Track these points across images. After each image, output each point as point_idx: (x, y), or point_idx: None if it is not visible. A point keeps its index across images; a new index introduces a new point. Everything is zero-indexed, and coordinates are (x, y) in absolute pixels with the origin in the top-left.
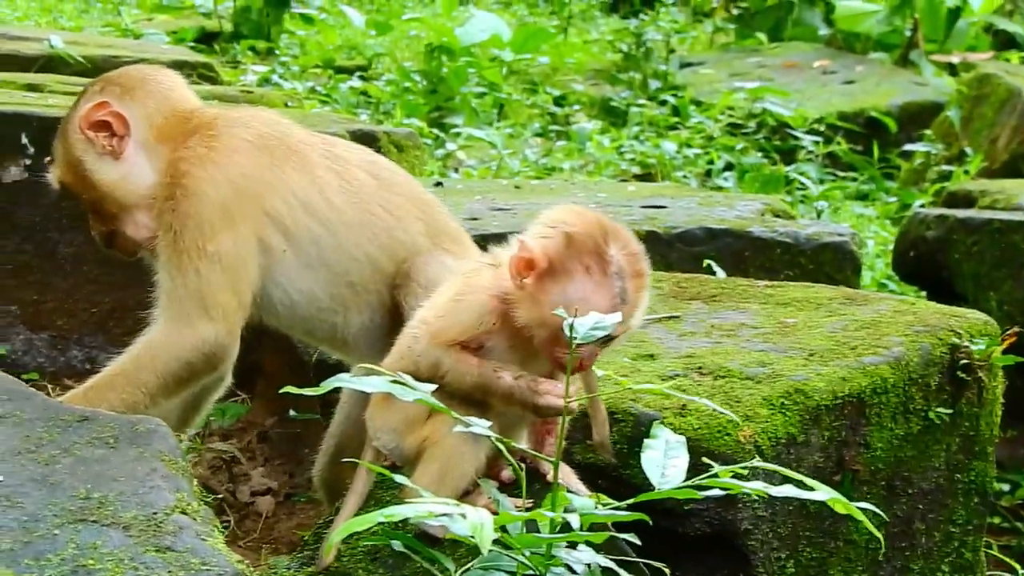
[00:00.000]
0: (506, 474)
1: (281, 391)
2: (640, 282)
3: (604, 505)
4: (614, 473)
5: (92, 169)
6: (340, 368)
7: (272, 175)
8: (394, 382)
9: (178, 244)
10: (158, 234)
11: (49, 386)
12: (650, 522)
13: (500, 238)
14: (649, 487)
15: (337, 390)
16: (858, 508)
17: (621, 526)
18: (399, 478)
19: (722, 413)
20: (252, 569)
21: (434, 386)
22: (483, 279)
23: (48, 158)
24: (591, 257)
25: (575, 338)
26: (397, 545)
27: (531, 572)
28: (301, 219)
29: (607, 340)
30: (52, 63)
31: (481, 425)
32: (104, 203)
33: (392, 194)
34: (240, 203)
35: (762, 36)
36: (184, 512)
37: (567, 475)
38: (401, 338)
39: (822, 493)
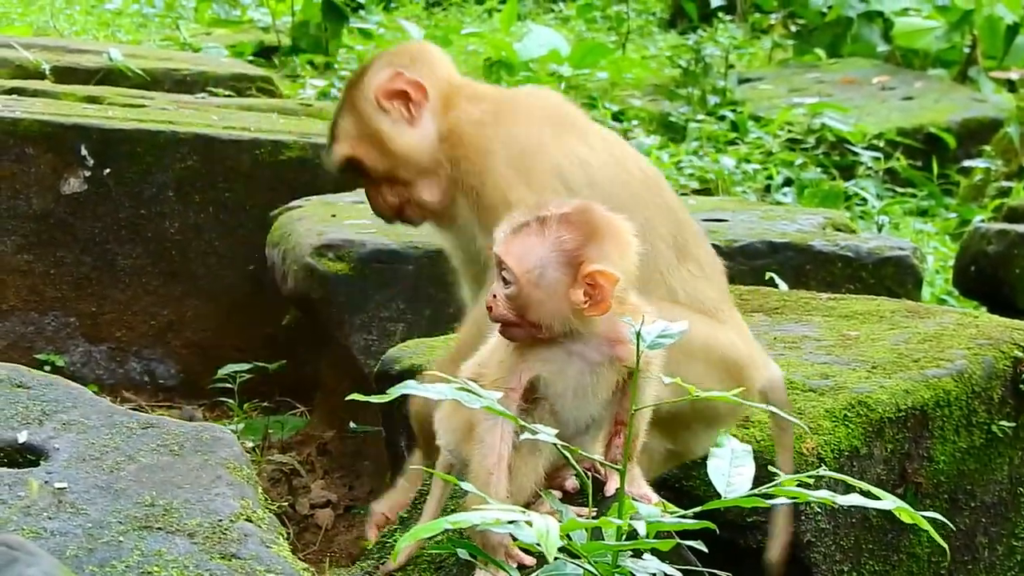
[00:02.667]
0: (571, 483)
1: (348, 398)
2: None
3: (670, 514)
4: (676, 485)
5: (390, 137)
6: (402, 379)
7: (556, 142)
8: (461, 388)
9: (482, 202)
10: (449, 199)
11: (107, 398)
12: (717, 531)
13: None
14: (711, 500)
15: (400, 399)
16: (924, 517)
17: (686, 536)
18: (467, 485)
19: (793, 421)
20: None
21: (500, 393)
22: None
23: (326, 141)
24: None
25: (643, 345)
26: (463, 554)
27: None
28: (584, 185)
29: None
30: (111, 76)
31: (548, 433)
32: (399, 171)
33: (653, 194)
34: (531, 160)
35: (820, 52)
36: (249, 519)
37: (638, 479)
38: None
39: (888, 502)
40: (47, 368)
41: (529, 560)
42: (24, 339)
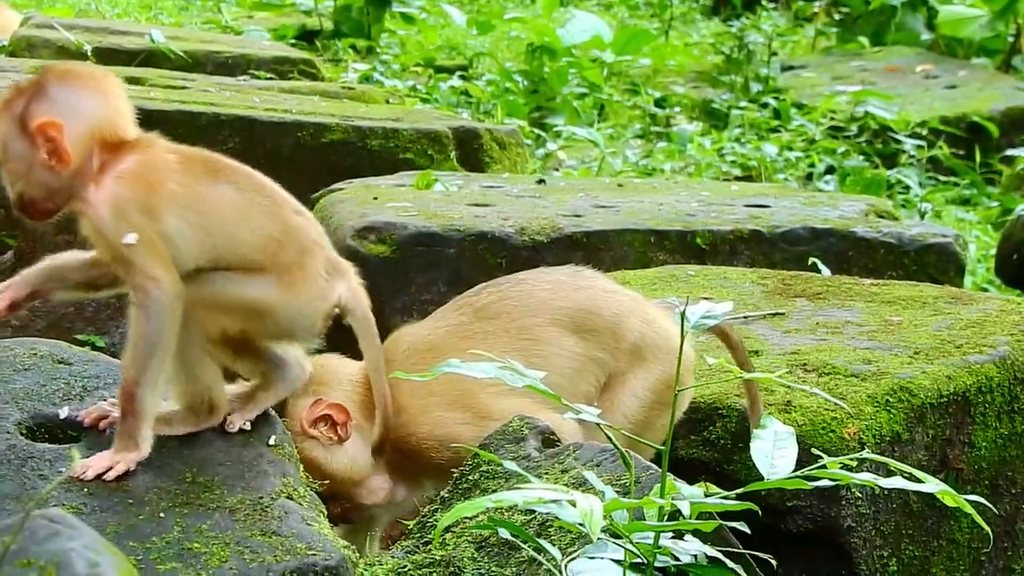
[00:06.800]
0: None
1: (389, 376)
2: None
3: (712, 495)
4: (717, 468)
5: (325, 462)
6: None
7: None
8: (504, 367)
9: None
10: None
11: None
12: (759, 513)
13: (603, 235)
14: (752, 483)
15: None
16: (967, 501)
17: (727, 518)
18: (510, 465)
19: (836, 404)
20: (358, 554)
21: (543, 373)
22: None
23: None
24: None
25: (687, 328)
26: (504, 533)
27: (638, 560)
28: None
29: None
30: (153, 58)
31: (591, 413)
32: (340, 487)
33: None
34: None
35: (864, 40)
36: (290, 497)
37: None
38: None
39: (931, 485)
40: (87, 348)
41: None
42: (64, 320)
